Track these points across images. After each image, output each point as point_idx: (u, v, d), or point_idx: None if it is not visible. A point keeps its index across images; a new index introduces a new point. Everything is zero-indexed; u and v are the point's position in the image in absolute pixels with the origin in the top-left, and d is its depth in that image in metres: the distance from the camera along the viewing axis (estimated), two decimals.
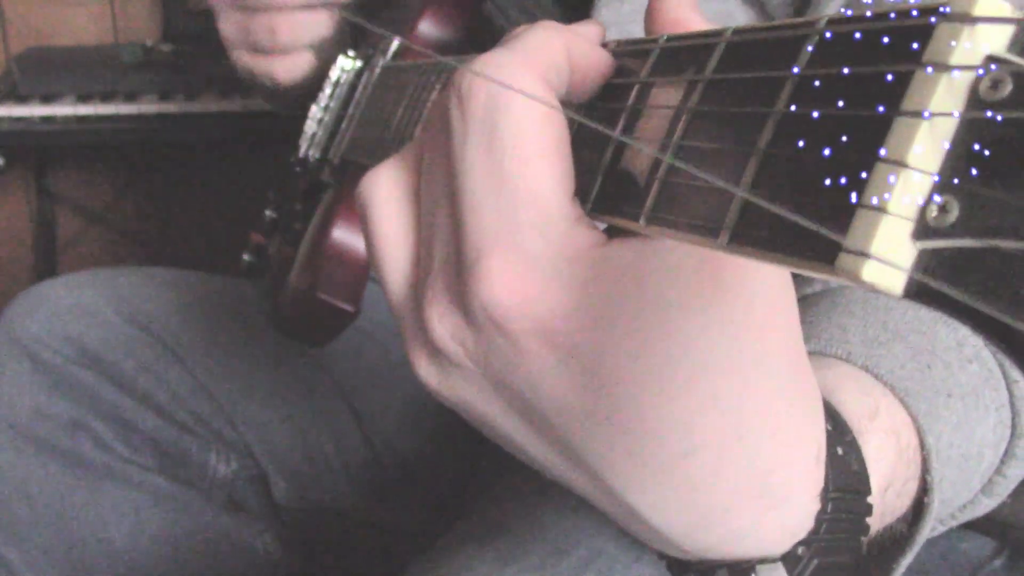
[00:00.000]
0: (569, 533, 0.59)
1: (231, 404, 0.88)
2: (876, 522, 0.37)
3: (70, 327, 0.86)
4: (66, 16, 1.90)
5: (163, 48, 1.76)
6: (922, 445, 0.40)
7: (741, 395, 0.31)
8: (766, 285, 0.31)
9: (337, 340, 0.90)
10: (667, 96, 0.29)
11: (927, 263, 0.21)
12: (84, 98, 1.59)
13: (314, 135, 0.87)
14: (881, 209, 0.21)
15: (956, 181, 0.20)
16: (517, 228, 0.30)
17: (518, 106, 0.30)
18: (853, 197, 0.21)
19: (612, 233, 0.31)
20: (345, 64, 0.86)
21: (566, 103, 0.32)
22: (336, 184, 0.82)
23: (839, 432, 0.36)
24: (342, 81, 0.86)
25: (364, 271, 0.78)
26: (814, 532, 0.35)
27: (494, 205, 0.30)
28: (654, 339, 0.30)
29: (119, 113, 1.58)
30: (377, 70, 0.81)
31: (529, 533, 0.60)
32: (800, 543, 0.35)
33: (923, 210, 0.20)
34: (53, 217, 1.96)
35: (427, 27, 0.81)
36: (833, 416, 0.37)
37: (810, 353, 0.35)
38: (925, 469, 0.40)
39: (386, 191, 0.35)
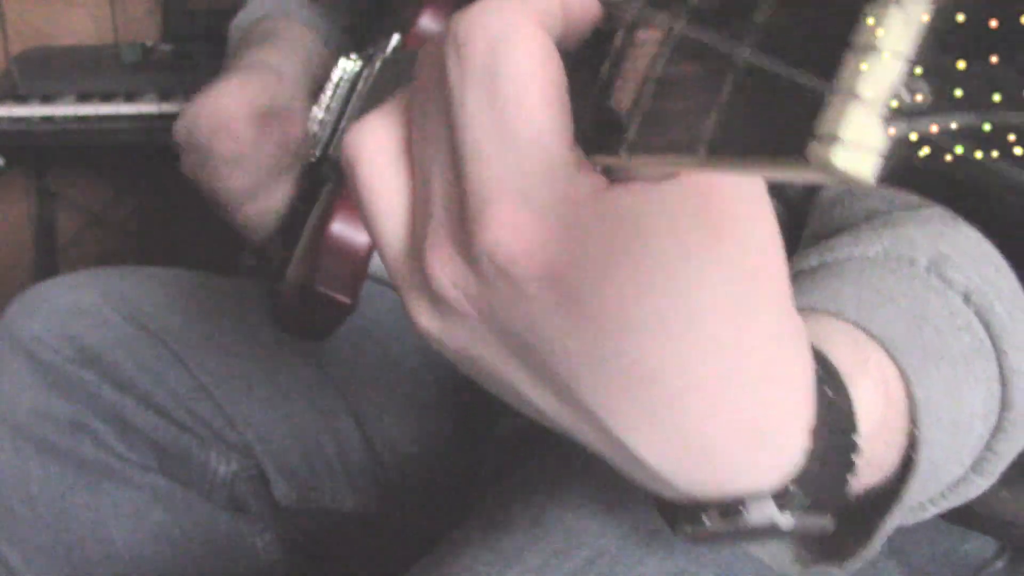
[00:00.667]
0: (572, 534, 0.59)
1: (231, 404, 0.88)
2: (865, 470, 0.38)
3: (70, 327, 0.85)
4: (66, 16, 1.90)
5: (163, 48, 1.76)
6: (910, 398, 0.40)
7: (736, 337, 0.32)
8: (759, 232, 0.32)
9: (337, 340, 0.90)
10: (650, 35, 0.30)
11: (900, 147, 0.21)
12: (84, 98, 1.59)
13: (315, 135, 0.87)
14: (851, 94, 0.21)
15: (927, 62, 0.20)
16: (522, 176, 0.30)
17: (520, 52, 0.30)
18: (825, 87, 0.21)
19: (612, 178, 0.31)
20: (346, 66, 0.86)
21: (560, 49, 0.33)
22: (335, 178, 0.82)
23: (829, 375, 0.37)
24: (343, 81, 0.87)
25: (363, 264, 0.78)
26: (805, 469, 0.35)
27: (498, 154, 0.30)
28: (654, 283, 0.31)
29: (119, 113, 1.58)
30: (377, 64, 0.81)
31: (531, 534, 0.60)
32: (792, 480, 0.35)
33: (894, 93, 0.21)
34: (53, 217, 1.96)
35: (428, 22, 0.81)
36: (823, 362, 0.37)
37: (801, 311, 0.36)
38: (913, 423, 0.40)
39: (375, 144, 0.35)
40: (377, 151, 0.35)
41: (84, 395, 0.84)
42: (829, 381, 0.37)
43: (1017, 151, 0.19)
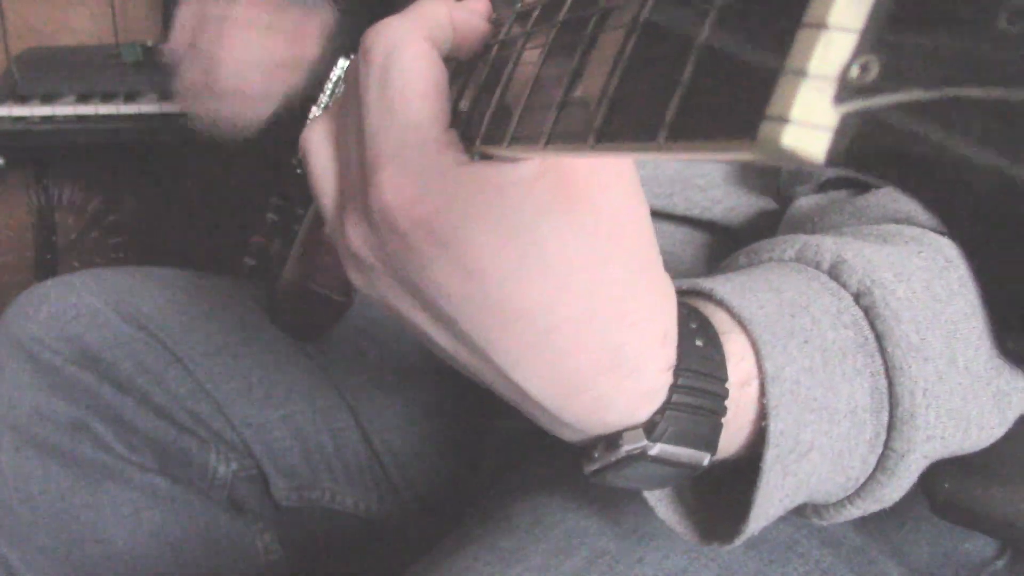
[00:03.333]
0: (572, 534, 0.59)
1: (230, 404, 0.88)
2: (737, 415, 0.43)
3: (70, 327, 0.85)
4: (66, 16, 1.90)
5: (163, 48, 1.76)
6: (760, 371, 0.44)
7: (592, 283, 0.39)
8: (613, 203, 0.39)
9: (336, 340, 0.90)
10: (531, 46, 0.37)
11: (849, 126, 0.20)
12: (84, 98, 1.59)
13: None
14: (801, 73, 0.21)
15: (877, 38, 0.20)
16: (402, 148, 0.38)
17: (407, 56, 0.39)
18: (777, 66, 0.21)
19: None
20: (344, 65, 0.86)
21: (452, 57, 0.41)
22: None
23: (702, 328, 0.44)
24: (341, 81, 0.87)
25: None
26: (668, 402, 0.42)
27: (385, 132, 0.39)
28: (512, 237, 0.38)
29: (119, 113, 1.58)
30: None
31: (531, 533, 0.60)
32: (657, 411, 0.42)
33: (844, 70, 0.20)
34: (53, 217, 1.96)
35: None
36: (699, 317, 0.44)
37: (681, 290, 0.45)
38: (762, 394, 0.44)
39: (318, 137, 0.44)
40: (319, 143, 0.44)
41: (84, 396, 0.84)
42: (702, 332, 0.43)
43: (969, 126, 0.18)
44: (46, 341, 0.85)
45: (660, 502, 0.49)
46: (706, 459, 0.43)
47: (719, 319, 0.45)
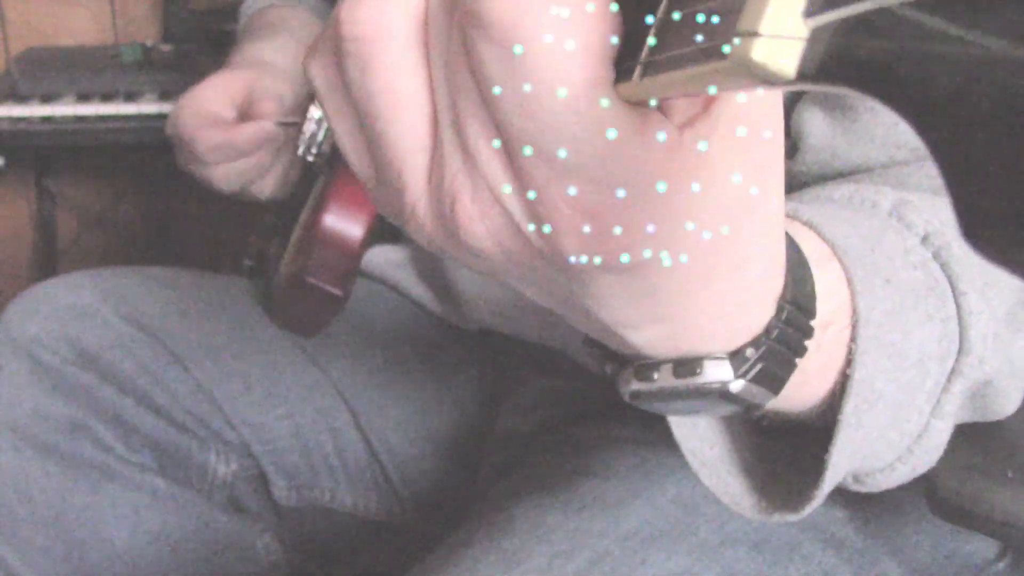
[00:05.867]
0: (574, 535, 0.59)
1: (230, 404, 0.88)
2: (813, 357, 0.38)
3: (69, 328, 0.85)
4: (66, 16, 1.90)
5: (163, 48, 1.75)
6: (854, 310, 0.40)
7: (758, 225, 0.33)
8: (770, 123, 0.31)
9: (337, 340, 0.90)
10: None
11: (820, 39, 0.20)
12: (84, 98, 1.59)
13: (313, 135, 0.87)
14: None
15: None
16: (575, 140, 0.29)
17: None
18: None
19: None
20: None
21: None
22: (328, 171, 0.82)
23: (798, 257, 0.38)
24: None
25: (355, 257, 0.78)
26: (765, 334, 0.36)
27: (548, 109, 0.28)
28: (702, 218, 0.30)
29: (119, 113, 1.58)
30: None
31: (534, 535, 0.60)
32: (748, 344, 0.36)
33: None
34: (53, 217, 1.96)
35: None
36: (794, 246, 0.38)
37: None
38: (852, 339, 0.40)
39: (399, 26, 0.30)
40: (401, 38, 0.30)
41: (84, 396, 0.84)
42: (798, 262, 0.38)
43: (939, 27, 0.18)
44: (46, 341, 0.85)
45: (722, 473, 0.43)
46: (769, 401, 0.37)
47: (811, 247, 0.39)
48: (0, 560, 0.82)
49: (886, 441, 0.42)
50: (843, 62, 0.20)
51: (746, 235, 0.32)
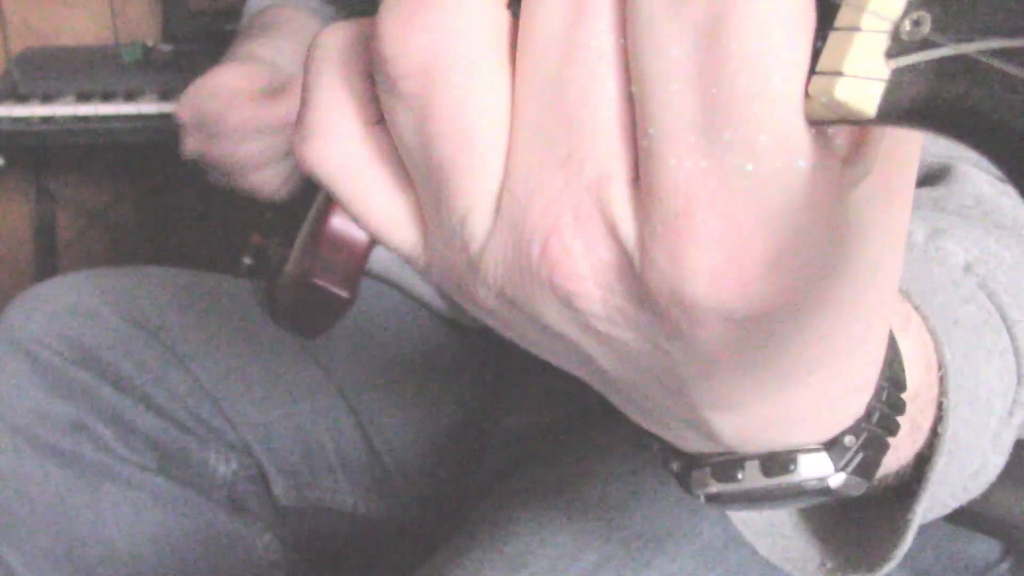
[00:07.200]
0: (578, 537, 0.59)
1: (230, 404, 0.88)
2: (904, 433, 0.33)
3: (69, 327, 0.85)
4: (66, 16, 1.90)
5: (163, 48, 1.75)
6: (939, 365, 0.36)
7: (878, 306, 0.28)
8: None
9: (337, 340, 0.89)
10: None
11: (902, 80, 0.21)
12: (84, 98, 1.59)
13: None
14: (854, 28, 0.21)
15: None
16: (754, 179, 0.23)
17: None
18: (829, 21, 0.22)
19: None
20: None
21: None
22: None
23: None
24: None
25: (362, 258, 0.78)
26: (865, 419, 0.31)
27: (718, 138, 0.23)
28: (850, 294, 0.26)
29: (119, 113, 1.58)
30: None
31: (538, 537, 0.59)
32: (847, 431, 0.30)
33: (897, 25, 0.21)
34: (53, 217, 1.95)
35: None
36: None
37: None
38: (942, 392, 0.36)
39: (483, 43, 0.25)
40: (478, 57, 0.25)
41: (84, 396, 0.84)
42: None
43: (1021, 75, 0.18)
44: (46, 341, 0.84)
45: (778, 538, 0.39)
46: (864, 489, 0.31)
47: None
48: (0, 560, 0.82)
49: (949, 486, 0.39)
50: (925, 104, 0.20)
51: (874, 301, 0.27)
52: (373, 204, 0.28)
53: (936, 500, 0.40)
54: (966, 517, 0.59)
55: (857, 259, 0.25)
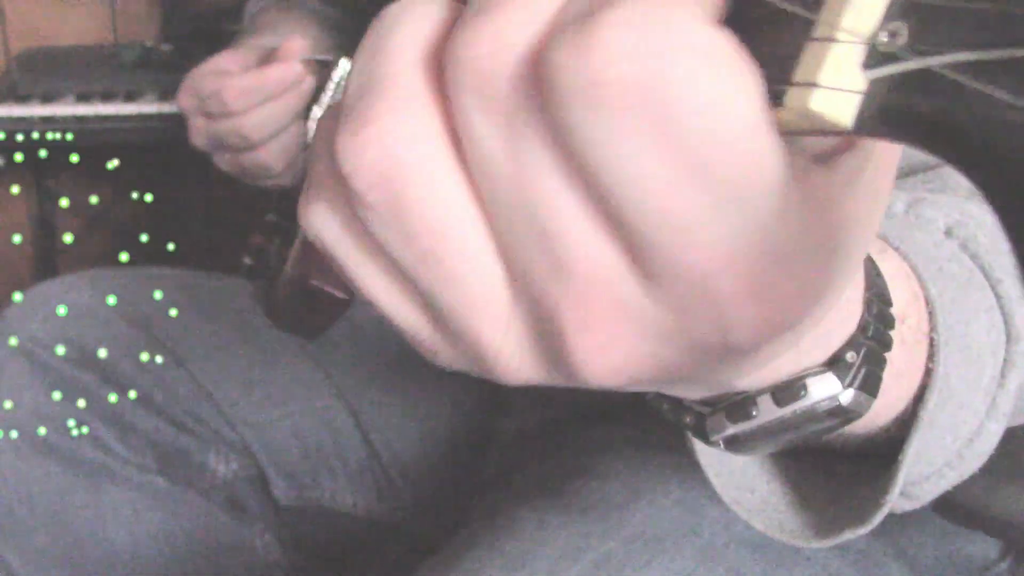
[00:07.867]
0: (578, 537, 0.59)
1: (230, 404, 0.88)
2: (898, 352, 0.34)
3: (70, 327, 0.85)
4: (66, 16, 1.89)
5: (163, 48, 1.75)
6: (927, 301, 0.37)
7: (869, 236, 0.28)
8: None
9: (336, 340, 0.89)
10: None
11: (878, 91, 0.21)
12: (84, 98, 1.59)
13: (341, 81, 0.87)
14: (829, 39, 0.21)
15: (906, 4, 0.20)
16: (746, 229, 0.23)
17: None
18: (805, 32, 0.21)
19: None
20: (347, 66, 0.86)
21: None
22: None
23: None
24: (343, 81, 0.86)
25: None
26: (861, 333, 0.31)
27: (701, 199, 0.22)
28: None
29: (119, 113, 1.58)
30: None
31: (537, 537, 0.60)
32: (846, 346, 0.31)
33: (873, 37, 0.20)
34: (53, 217, 1.96)
35: None
36: None
37: None
38: (932, 328, 0.36)
39: (433, 150, 0.24)
40: (428, 159, 0.24)
41: (83, 396, 0.84)
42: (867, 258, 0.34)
43: (997, 88, 0.18)
44: (46, 341, 0.84)
45: (771, 512, 0.39)
46: (871, 406, 0.32)
47: None
48: (0, 560, 0.82)
49: (941, 444, 0.40)
50: (899, 115, 0.20)
51: (858, 255, 0.27)
52: (376, 289, 0.28)
53: (931, 464, 0.40)
54: (965, 515, 0.59)
55: (849, 242, 0.25)
